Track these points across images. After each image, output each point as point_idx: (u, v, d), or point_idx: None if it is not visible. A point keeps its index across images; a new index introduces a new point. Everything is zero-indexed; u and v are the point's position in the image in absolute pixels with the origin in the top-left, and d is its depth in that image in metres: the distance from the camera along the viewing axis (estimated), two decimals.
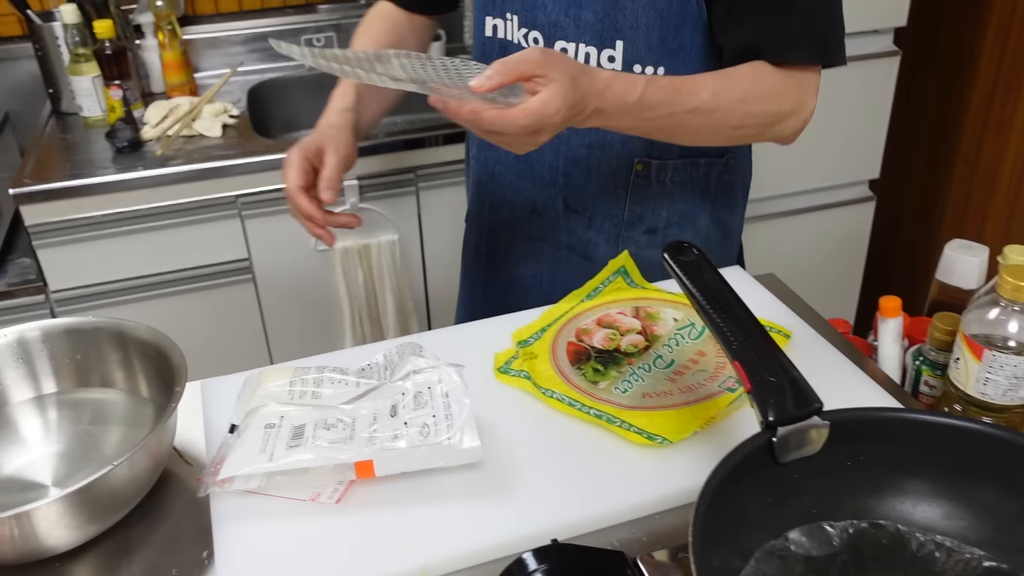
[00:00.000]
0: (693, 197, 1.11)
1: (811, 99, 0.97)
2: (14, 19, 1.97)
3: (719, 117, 0.92)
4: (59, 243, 1.61)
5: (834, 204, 1.98)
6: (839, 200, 1.98)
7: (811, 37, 0.93)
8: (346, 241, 1.77)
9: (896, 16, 1.77)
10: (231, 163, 1.64)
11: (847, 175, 1.95)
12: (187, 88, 1.89)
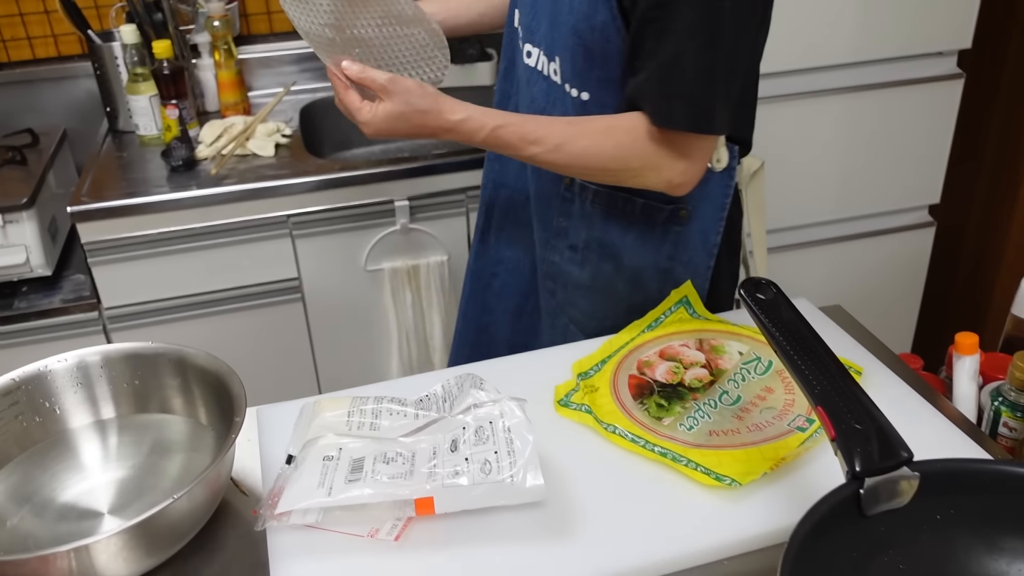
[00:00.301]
0: (623, 231, 1.09)
1: (679, 162, 0.95)
2: (74, 38, 2.00)
3: (560, 167, 1.00)
4: (114, 260, 1.62)
5: (893, 229, 1.93)
6: (898, 225, 1.93)
7: (688, 103, 0.92)
8: (395, 262, 1.76)
9: (960, 38, 1.73)
10: (283, 183, 1.64)
11: (907, 200, 1.90)
12: (241, 107, 1.90)
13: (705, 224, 1.08)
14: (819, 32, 1.64)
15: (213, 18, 1.82)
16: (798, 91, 1.69)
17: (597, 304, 1.15)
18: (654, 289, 1.10)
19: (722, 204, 1.07)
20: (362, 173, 1.67)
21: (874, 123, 1.77)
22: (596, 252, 1.12)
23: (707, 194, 1.06)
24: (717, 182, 1.05)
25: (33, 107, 1.99)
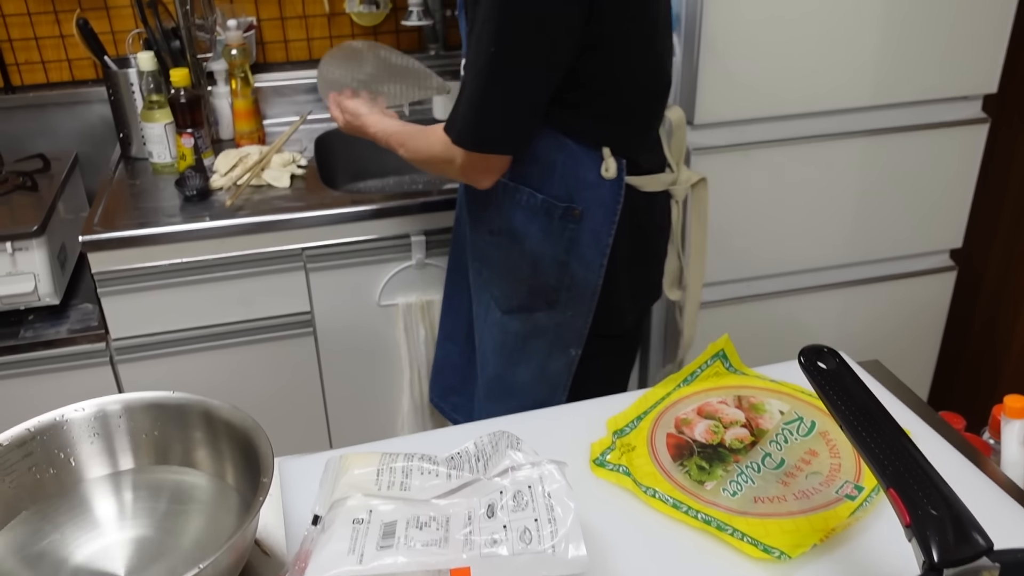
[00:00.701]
0: (527, 220, 1.24)
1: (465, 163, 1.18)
2: (88, 63, 1.98)
3: (413, 162, 1.30)
4: (124, 291, 1.58)
5: (912, 273, 1.90)
6: (918, 269, 1.90)
7: (459, 119, 1.16)
8: (409, 297, 1.73)
9: (987, 83, 1.71)
10: (299, 216, 1.61)
11: (927, 244, 1.87)
12: (256, 136, 1.87)
13: (596, 225, 1.21)
14: (841, 75, 1.62)
15: (231, 46, 1.80)
16: (817, 133, 1.67)
17: (508, 284, 1.30)
18: (552, 277, 1.25)
19: (613, 209, 1.20)
20: (378, 207, 1.64)
21: (895, 166, 1.75)
22: (507, 237, 1.27)
23: (598, 198, 1.20)
24: (608, 189, 1.19)
25: (45, 131, 1.96)
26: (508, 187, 1.24)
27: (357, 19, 2.07)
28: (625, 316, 1.34)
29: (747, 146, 1.64)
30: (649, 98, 1.23)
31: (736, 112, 1.60)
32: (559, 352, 1.30)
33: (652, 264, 1.35)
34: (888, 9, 1.58)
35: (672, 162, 1.32)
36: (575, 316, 1.27)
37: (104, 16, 1.94)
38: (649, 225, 1.29)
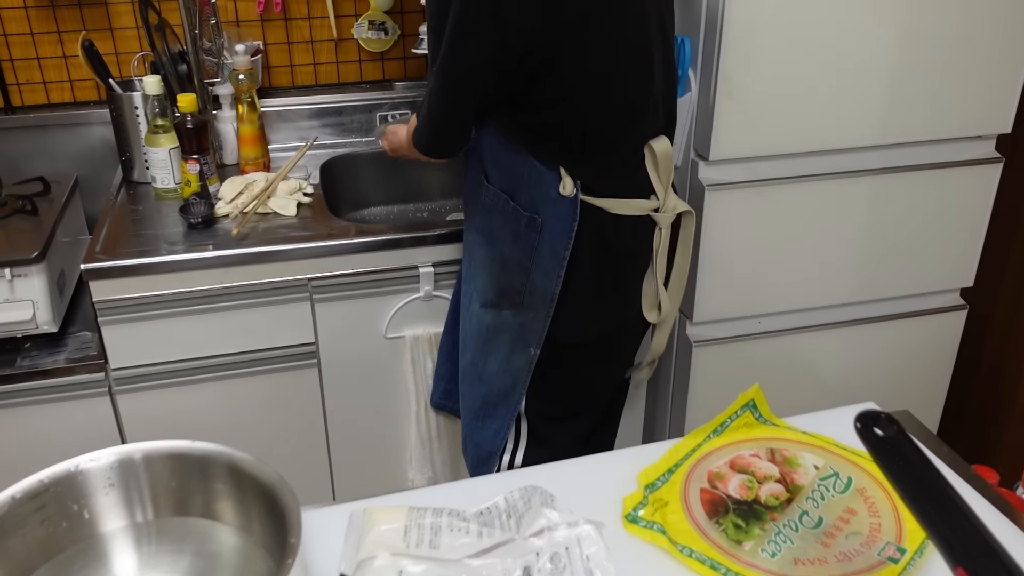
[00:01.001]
0: (501, 224, 1.33)
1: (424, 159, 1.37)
2: (90, 84, 1.95)
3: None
4: (125, 320, 1.55)
5: (921, 312, 1.89)
6: (927, 308, 1.89)
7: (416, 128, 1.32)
8: (416, 329, 1.70)
9: (1001, 123, 1.71)
10: (305, 246, 1.58)
11: (939, 282, 1.86)
12: (261, 162, 1.84)
13: (554, 237, 1.28)
14: (855, 113, 1.61)
15: (238, 71, 1.78)
16: (831, 171, 1.66)
17: (485, 279, 1.39)
18: (517, 280, 1.33)
19: (570, 225, 1.26)
20: (387, 238, 1.62)
21: (908, 204, 1.74)
22: (487, 236, 1.36)
23: (557, 213, 1.27)
24: (566, 205, 1.26)
25: (44, 153, 1.93)
26: (491, 191, 1.34)
27: (365, 44, 2.05)
28: (587, 328, 1.38)
29: (761, 183, 1.62)
30: (607, 127, 1.25)
31: (750, 149, 1.59)
32: (521, 349, 1.37)
33: (621, 284, 1.38)
34: (902, 48, 1.57)
35: (658, 190, 1.33)
36: (535, 319, 1.34)
37: (108, 37, 1.91)
38: (617, 246, 1.32)
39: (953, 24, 1.57)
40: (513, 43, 1.15)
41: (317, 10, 2.01)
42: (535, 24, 1.14)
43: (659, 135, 1.31)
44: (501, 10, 1.13)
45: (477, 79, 1.19)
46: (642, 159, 1.31)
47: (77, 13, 1.88)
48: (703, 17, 1.51)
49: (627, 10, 1.20)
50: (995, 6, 1.58)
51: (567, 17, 1.15)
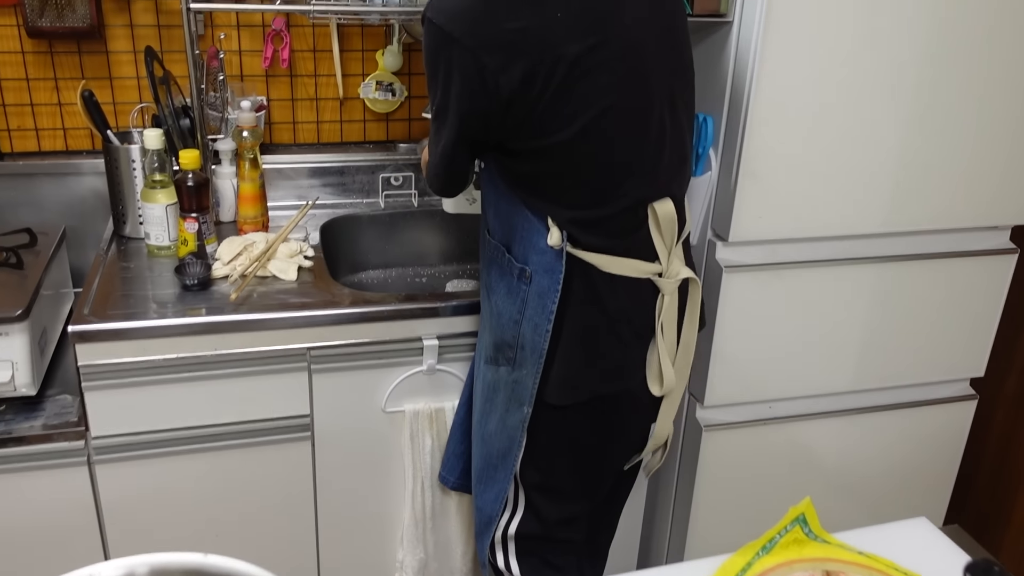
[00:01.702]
0: (499, 277, 1.33)
1: None
2: (84, 133, 1.88)
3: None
4: (110, 386, 1.46)
5: (928, 401, 1.85)
6: (935, 397, 1.85)
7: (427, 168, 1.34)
8: (417, 403, 1.63)
9: (1015, 214, 1.69)
10: (305, 314, 1.51)
11: (950, 371, 1.83)
12: (260, 221, 1.78)
13: (543, 290, 1.26)
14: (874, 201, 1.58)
15: (242, 127, 1.72)
16: (848, 256, 1.63)
17: (487, 335, 1.38)
18: (510, 334, 1.31)
19: (556, 278, 1.24)
20: (392, 308, 1.55)
21: (922, 291, 1.71)
22: (487, 290, 1.37)
23: (545, 264, 1.25)
24: (553, 257, 1.24)
25: (32, 202, 1.85)
26: (491, 244, 1.34)
27: (371, 105, 2.01)
28: (576, 389, 1.32)
29: (779, 266, 1.58)
30: (596, 182, 1.23)
31: (771, 231, 1.55)
32: (516, 408, 1.34)
33: (617, 349, 1.32)
34: (922, 138, 1.55)
35: (661, 254, 1.29)
36: (527, 375, 1.31)
37: (107, 86, 1.85)
38: (612, 307, 1.28)
39: (972, 114, 1.56)
40: (497, 91, 1.13)
41: (324, 68, 1.96)
42: (518, 74, 1.12)
43: (663, 197, 1.27)
44: (483, 57, 1.11)
45: (464, 124, 1.19)
46: (643, 221, 1.27)
47: (76, 60, 1.82)
48: (727, 96, 1.49)
49: (620, 68, 1.17)
50: (1013, 97, 1.57)
51: (551, 68, 1.12)
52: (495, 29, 1.11)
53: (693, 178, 1.56)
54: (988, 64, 1.53)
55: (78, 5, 1.73)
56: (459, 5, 1.12)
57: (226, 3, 1.78)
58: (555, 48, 1.12)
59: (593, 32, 1.13)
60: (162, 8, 1.83)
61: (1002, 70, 1.54)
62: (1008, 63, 1.54)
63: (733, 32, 1.45)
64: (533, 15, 1.11)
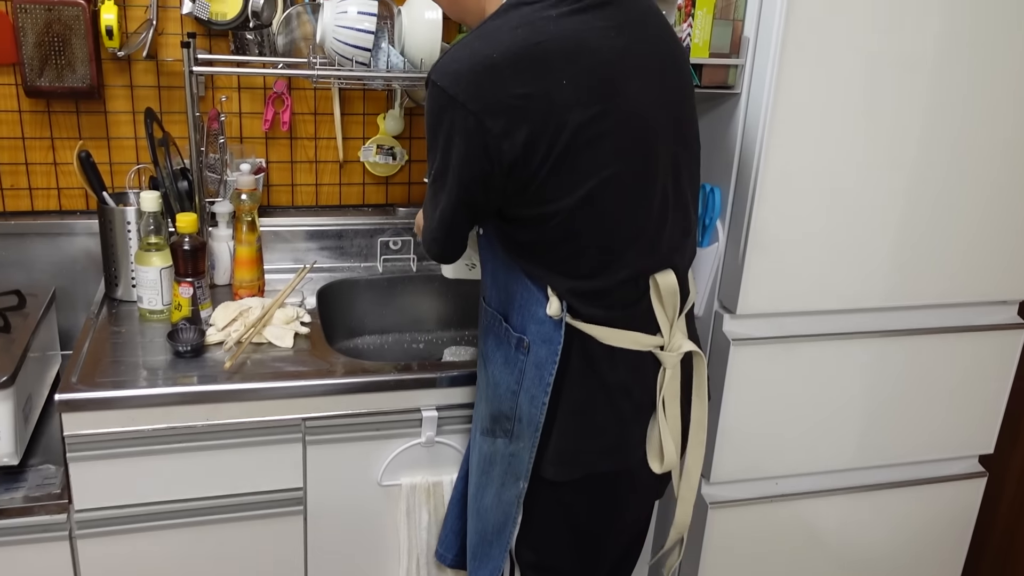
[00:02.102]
0: (496, 347, 1.30)
1: None
2: (79, 193, 1.85)
3: None
4: (96, 457, 1.40)
5: (935, 479, 1.81)
6: (942, 475, 1.81)
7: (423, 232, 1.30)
8: (415, 477, 1.57)
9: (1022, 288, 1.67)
10: (302, 383, 1.46)
11: (959, 448, 1.79)
12: (256, 286, 1.74)
13: (541, 361, 1.23)
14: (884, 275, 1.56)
15: (241, 190, 1.69)
16: (857, 330, 1.60)
17: (483, 406, 1.35)
18: (507, 405, 1.28)
19: (555, 348, 1.21)
20: (391, 378, 1.51)
21: (932, 366, 1.68)
22: (483, 359, 1.34)
23: (543, 334, 1.22)
24: (552, 327, 1.21)
25: (22, 262, 1.81)
26: (488, 312, 1.32)
27: (371, 168, 1.99)
28: (573, 465, 1.28)
29: (788, 339, 1.55)
30: (598, 251, 1.20)
31: (779, 304, 1.53)
32: (512, 482, 1.30)
33: (616, 424, 1.27)
34: (929, 212, 1.55)
35: (663, 326, 1.26)
36: (524, 448, 1.27)
37: (104, 146, 1.83)
38: (611, 381, 1.25)
39: (978, 189, 1.56)
40: (500, 156, 1.11)
41: (324, 131, 1.95)
42: (521, 140, 1.10)
43: (665, 269, 1.25)
44: (487, 122, 1.09)
45: (464, 188, 1.15)
46: (644, 292, 1.24)
47: (74, 120, 1.80)
48: (735, 167, 1.47)
49: (625, 137, 1.15)
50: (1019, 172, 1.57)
51: (554, 135, 1.10)
52: (500, 94, 1.09)
53: (700, 249, 1.53)
54: (993, 139, 1.53)
55: (78, 66, 1.71)
56: (464, 68, 1.10)
57: (229, 66, 1.76)
58: (559, 115, 1.10)
59: (598, 100, 1.12)
60: (163, 70, 1.81)
61: (1007, 146, 1.54)
62: (1013, 140, 1.54)
63: (741, 104, 1.44)
64: (538, 81, 1.09)
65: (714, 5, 1.39)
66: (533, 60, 1.09)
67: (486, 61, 1.09)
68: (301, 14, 1.75)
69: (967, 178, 1.54)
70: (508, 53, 1.09)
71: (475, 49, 1.10)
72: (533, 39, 1.10)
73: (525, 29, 1.10)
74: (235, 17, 1.79)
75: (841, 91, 1.41)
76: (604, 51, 1.12)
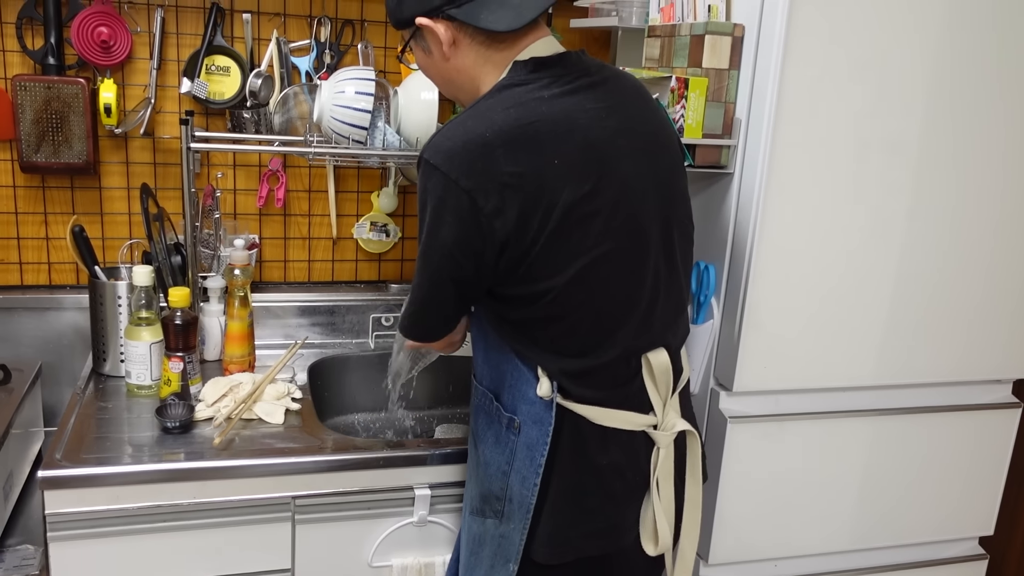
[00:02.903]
0: (486, 426, 1.27)
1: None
2: (69, 268, 1.84)
3: None
4: (78, 536, 1.35)
5: (935, 562, 1.77)
6: (941, 558, 1.78)
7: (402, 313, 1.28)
8: (406, 558, 1.53)
9: (1018, 367, 1.68)
10: (292, 460, 1.43)
11: (958, 530, 1.76)
12: (247, 361, 1.72)
13: (532, 441, 1.20)
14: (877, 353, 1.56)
15: (234, 266, 1.69)
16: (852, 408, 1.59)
17: (472, 485, 1.33)
18: (497, 485, 1.25)
19: (545, 429, 1.19)
20: (383, 455, 1.48)
21: (926, 446, 1.67)
22: (474, 437, 1.31)
23: (534, 415, 1.20)
24: (543, 408, 1.19)
25: (9, 337, 1.79)
26: (479, 391, 1.30)
27: (364, 245, 2.00)
28: (565, 548, 1.24)
29: (784, 417, 1.54)
30: (590, 330, 1.19)
31: (776, 382, 1.52)
32: (501, 565, 1.26)
33: (609, 505, 1.25)
34: (923, 291, 1.56)
35: (656, 405, 1.24)
36: (514, 530, 1.24)
37: (97, 222, 1.83)
38: (603, 461, 1.22)
39: (972, 269, 1.58)
40: (493, 234, 1.11)
41: (318, 208, 1.96)
42: (513, 218, 1.10)
43: (657, 347, 1.24)
44: (479, 200, 1.09)
45: (455, 264, 1.14)
46: (636, 371, 1.23)
47: (68, 195, 1.80)
48: (729, 245, 1.48)
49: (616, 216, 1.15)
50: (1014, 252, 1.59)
51: (546, 213, 1.10)
52: (493, 172, 1.09)
53: (695, 326, 1.53)
54: (981, 218, 1.55)
55: (75, 142, 1.72)
56: (457, 146, 1.11)
57: (226, 143, 1.78)
58: (551, 194, 1.10)
59: (589, 179, 1.13)
60: (159, 147, 1.83)
61: (996, 225, 1.57)
62: (1002, 219, 1.57)
63: (734, 183, 1.46)
64: (531, 160, 1.10)
65: (707, 88, 1.43)
66: (526, 139, 1.10)
67: (479, 140, 1.10)
68: (298, 94, 1.78)
69: (958, 257, 1.56)
70: (501, 132, 1.10)
71: (468, 128, 1.11)
72: (526, 119, 1.11)
73: (518, 109, 1.12)
74: (232, 96, 1.82)
75: (831, 171, 1.44)
76: (595, 131, 1.14)
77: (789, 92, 1.38)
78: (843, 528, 1.66)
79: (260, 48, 1.83)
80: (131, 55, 1.76)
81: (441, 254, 1.14)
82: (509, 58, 1.18)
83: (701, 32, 1.43)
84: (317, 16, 1.85)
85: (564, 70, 1.17)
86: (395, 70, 1.94)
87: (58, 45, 1.70)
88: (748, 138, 1.43)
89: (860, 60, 1.40)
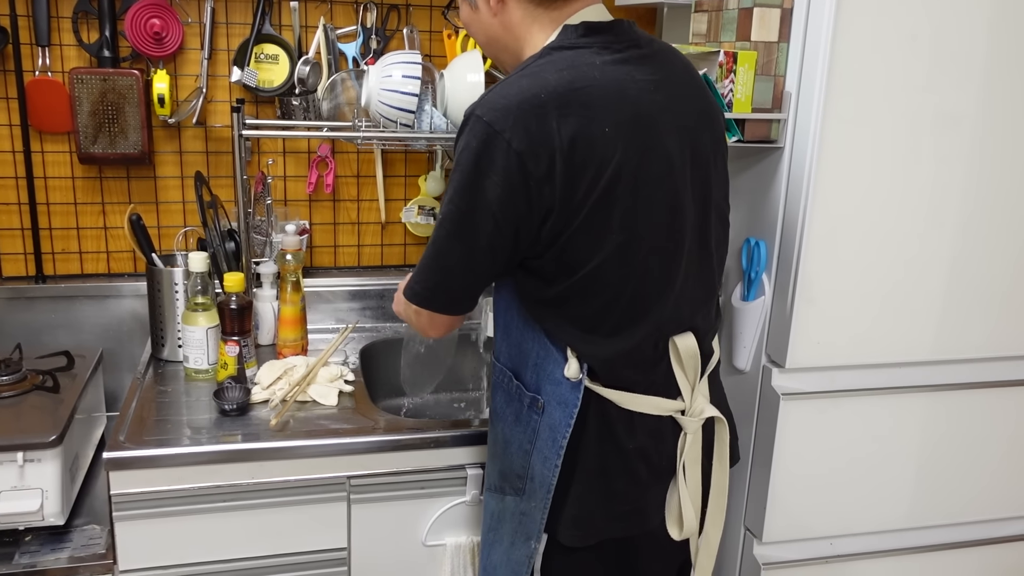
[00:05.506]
0: (505, 403, 1.26)
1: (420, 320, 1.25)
2: (127, 256, 1.88)
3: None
4: (142, 516, 1.39)
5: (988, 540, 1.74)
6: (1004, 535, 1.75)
7: (411, 277, 1.21)
8: (459, 537, 1.55)
9: None
10: (347, 440, 1.46)
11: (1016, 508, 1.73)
12: (300, 345, 1.75)
13: (555, 422, 1.19)
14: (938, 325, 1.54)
15: (286, 251, 1.71)
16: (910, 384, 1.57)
17: (491, 462, 1.33)
18: (518, 463, 1.25)
19: (570, 411, 1.17)
20: (437, 435, 1.49)
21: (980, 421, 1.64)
22: (493, 415, 1.30)
23: (559, 396, 1.18)
24: (569, 389, 1.18)
25: (71, 324, 1.84)
26: (497, 367, 1.28)
27: (412, 228, 2.01)
28: (588, 531, 1.23)
29: (839, 393, 1.52)
30: (624, 310, 1.16)
31: (830, 358, 1.50)
32: (522, 541, 1.26)
33: (634, 490, 1.23)
34: (978, 262, 1.52)
35: (684, 390, 1.23)
36: (535, 508, 1.23)
37: (153, 210, 1.87)
38: (629, 446, 1.21)
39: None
40: (540, 200, 1.07)
41: (366, 193, 1.98)
42: (560, 183, 1.06)
43: (685, 331, 1.22)
44: (528, 163, 1.05)
45: (494, 225, 1.09)
46: (663, 354, 1.22)
47: (124, 185, 1.84)
48: (780, 220, 1.47)
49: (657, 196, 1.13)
50: None
51: (592, 183, 1.07)
52: (546, 135, 1.05)
53: (746, 303, 1.52)
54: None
55: (131, 133, 1.76)
56: (512, 105, 1.06)
57: (277, 130, 1.81)
58: (599, 162, 1.07)
59: (636, 151, 1.10)
60: (211, 136, 1.86)
61: None
62: None
63: (785, 157, 1.44)
64: (581, 126, 1.06)
65: (755, 61, 1.41)
66: (579, 104, 1.07)
67: (535, 100, 1.06)
68: (345, 80, 1.80)
69: (1013, 230, 1.53)
70: (555, 94, 1.07)
71: (523, 87, 1.08)
72: (579, 83, 1.08)
73: (571, 72, 1.09)
74: (282, 84, 1.84)
75: (884, 145, 1.41)
76: (644, 104, 1.12)
77: (840, 64, 1.36)
78: (900, 506, 1.64)
79: (307, 35, 1.85)
80: (182, 46, 1.80)
81: (482, 215, 1.09)
82: (557, 20, 1.17)
83: (749, 5, 1.41)
84: (363, 2, 1.86)
85: (615, 38, 1.15)
86: (440, 54, 1.94)
87: (112, 38, 1.74)
88: (799, 112, 1.41)
89: (913, 31, 1.37)
